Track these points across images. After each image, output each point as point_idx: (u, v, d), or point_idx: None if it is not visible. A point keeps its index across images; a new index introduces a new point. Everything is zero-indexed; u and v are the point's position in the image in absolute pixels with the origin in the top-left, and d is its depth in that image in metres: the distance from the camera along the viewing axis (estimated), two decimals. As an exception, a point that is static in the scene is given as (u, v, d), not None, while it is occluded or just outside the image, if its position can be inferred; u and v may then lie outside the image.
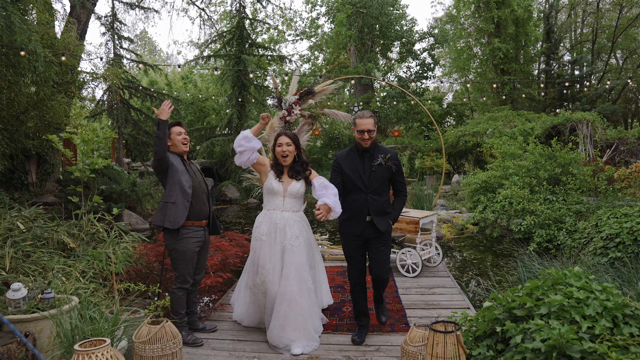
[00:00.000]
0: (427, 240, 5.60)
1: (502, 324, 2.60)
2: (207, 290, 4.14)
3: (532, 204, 8.62)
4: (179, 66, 17.20)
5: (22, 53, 6.64)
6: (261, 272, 3.39)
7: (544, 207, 8.47)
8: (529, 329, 2.39)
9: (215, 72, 14.41)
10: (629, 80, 19.27)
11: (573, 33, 25.67)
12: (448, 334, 2.27)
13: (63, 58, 9.04)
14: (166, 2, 40.58)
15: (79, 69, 11.88)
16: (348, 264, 3.54)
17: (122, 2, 14.64)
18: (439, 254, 5.69)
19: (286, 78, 15.90)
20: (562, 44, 24.73)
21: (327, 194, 3.28)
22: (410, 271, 5.23)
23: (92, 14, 13.19)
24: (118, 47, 13.77)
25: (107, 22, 13.65)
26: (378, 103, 21.60)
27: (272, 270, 3.34)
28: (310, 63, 24.20)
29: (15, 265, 3.72)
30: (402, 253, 5.29)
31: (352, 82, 20.58)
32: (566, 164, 9.51)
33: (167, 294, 3.97)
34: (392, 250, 5.62)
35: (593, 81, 22.87)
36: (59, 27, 12.43)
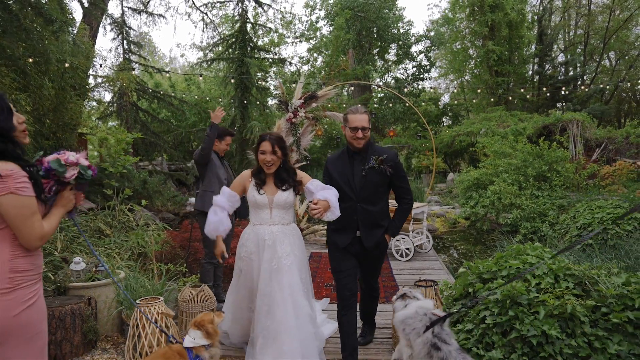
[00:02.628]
0: (419, 229, 6.26)
1: (474, 286, 3.25)
2: (229, 268, 4.79)
3: (519, 199, 9.29)
4: (187, 74, 17.84)
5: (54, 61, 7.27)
6: (250, 298, 3.06)
7: (529, 201, 9.14)
8: (493, 287, 3.04)
9: (219, 74, 15.04)
10: (620, 84, 19.98)
11: (567, 35, 26.34)
12: (428, 287, 2.93)
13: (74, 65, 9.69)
14: (170, 7, 41.29)
15: (92, 72, 12.52)
16: (336, 281, 3.10)
17: (129, 7, 15.28)
18: (429, 241, 6.35)
19: (292, 86, 16.53)
20: (556, 46, 25.38)
21: (328, 191, 2.89)
22: (404, 255, 5.89)
23: (103, 18, 13.82)
24: (127, 52, 14.39)
25: (117, 28, 14.27)
26: (375, 105, 22.24)
27: (264, 296, 2.91)
28: (309, 64, 24.84)
29: (64, 247, 4.36)
30: (397, 240, 5.95)
31: (352, 88, 21.23)
32: (552, 162, 10.18)
33: (191, 274, 4.63)
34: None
35: (586, 81, 23.53)
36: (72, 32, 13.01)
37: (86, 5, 12.70)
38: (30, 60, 6.06)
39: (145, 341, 2.90)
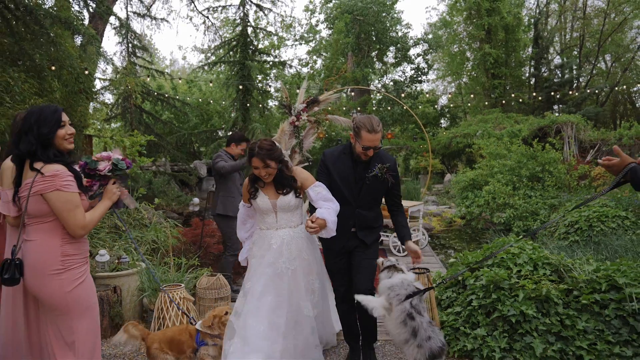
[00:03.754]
0: (415, 226, 6.62)
1: (463, 274, 3.62)
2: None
3: (512, 199, 9.66)
4: (190, 78, 18.19)
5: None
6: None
7: (522, 201, 9.51)
8: (479, 275, 3.41)
9: (220, 75, 15.39)
10: (615, 88, 20.39)
11: (563, 38, 26.74)
12: (421, 274, 3.29)
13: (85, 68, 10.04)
14: (172, 10, 41.66)
15: (98, 76, 12.87)
16: (332, 280, 3.20)
17: (133, 12, 15.64)
18: (425, 237, 6.72)
19: (290, 87, 16.87)
20: (552, 48, 25.77)
21: (329, 208, 2.81)
22: (401, 251, 6.25)
23: (108, 24, 14.17)
24: (132, 55, 14.75)
25: (122, 32, 14.63)
26: (374, 107, 22.61)
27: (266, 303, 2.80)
28: (309, 67, 25.20)
29: (86, 242, 4.71)
30: (394, 236, 6.31)
31: (353, 93, 21.61)
32: (545, 163, 10.55)
33: (202, 267, 5.00)
34: (385, 234, 6.65)
35: (582, 84, 23.93)
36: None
37: (92, 10, 13.04)
38: (53, 68, 6.40)
39: (169, 322, 3.26)
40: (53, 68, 6.45)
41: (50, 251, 2.17)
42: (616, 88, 22.07)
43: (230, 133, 6.38)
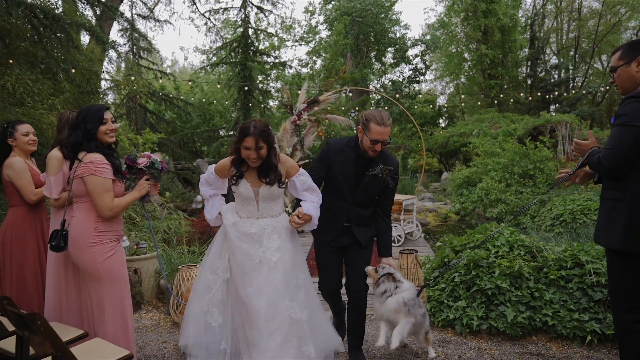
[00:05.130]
0: (410, 219, 7.05)
1: (448, 257, 4.04)
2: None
3: (504, 195, 10.09)
4: (193, 81, 18.59)
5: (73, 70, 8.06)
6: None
7: (513, 197, 9.94)
8: (462, 256, 3.83)
9: (219, 83, 15.81)
10: (607, 87, 20.82)
11: (560, 38, 27.13)
12: (410, 254, 3.71)
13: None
14: (174, 12, 42.09)
15: (104, 77, 13.30)
16: (320, 276, 3.09)
17: (138, 15, 16.07)
18: (419, 229, 7.14)
19: (289, 86, 17.26)
20: (549, 49, 26.18)
21: (313, 201, 2.75)
22: (395, 242, 6.67)
23: (114, 23, 14.60)
24: (137, 57, 15.18)
25: (127, 34, 15.06)
26: (372, 107, 23.02)
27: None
28: (308, 67, 25.62)
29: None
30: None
31: (351, 93, 22.03)
32: (537, 161, 10.98)
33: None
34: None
35: (578, 83, 24.34)
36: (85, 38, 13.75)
37: (99, 13, 13.45)
38: (73, 70, 6.82)
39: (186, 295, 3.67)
40: (73, 70, 6.86)
41: (86, 226, 2.59)
42: (609, 87, 22.48)
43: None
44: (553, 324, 3.21)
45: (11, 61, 5.66)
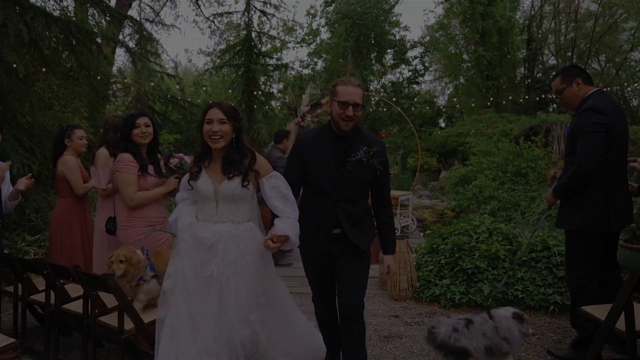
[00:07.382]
0: (405, 213, 7.59)
1: (436, 243, 4.58)
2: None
3: (497, 192, 10.62)
4: (197, 82, 19.13)
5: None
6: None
7: (506, 194, 10.48)
8: (448, 242, 4.37)
9: (228, 84, 16.32)
10: (608, 88, 21.30)
11: (558, 39, 27.57)
12: (402, 240, 4.25)
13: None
14: (179, 15, 42.74)
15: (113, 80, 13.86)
16: (313, 292, 2.70)
17: (145, 19, 16.63)
18: (414, 223, 7.68)
19: (297, 91, 17.80)
20: (548, 50, 26.62)
21: (288, 216, 2.32)
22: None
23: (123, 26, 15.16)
24: (145, 60, 15.73)
25: (135, 38, 15.60)
26: (372, 108, 23.57)
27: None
28: (309, 68, 26.15)
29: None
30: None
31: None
32: (530, 160, 11.51)
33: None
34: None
35: (574, 85, 24.72)
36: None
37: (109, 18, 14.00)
38: (99, 77, 7.37)
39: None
40: (99, 78, 7.40)
41: (122, 212, 3.13)
42: (609, 88, 22.97)
43: (277, 131, 6.48)
44: (522, 297, 3.76)
45: (44, 69, 6.21)
